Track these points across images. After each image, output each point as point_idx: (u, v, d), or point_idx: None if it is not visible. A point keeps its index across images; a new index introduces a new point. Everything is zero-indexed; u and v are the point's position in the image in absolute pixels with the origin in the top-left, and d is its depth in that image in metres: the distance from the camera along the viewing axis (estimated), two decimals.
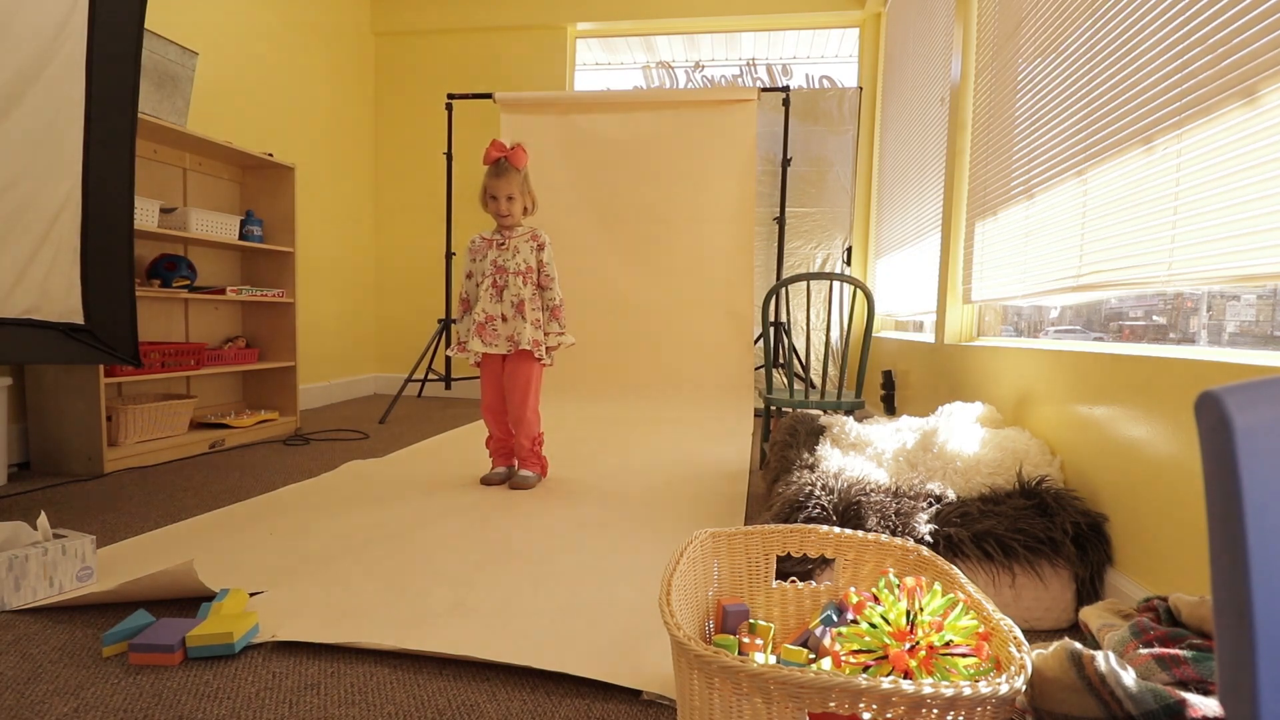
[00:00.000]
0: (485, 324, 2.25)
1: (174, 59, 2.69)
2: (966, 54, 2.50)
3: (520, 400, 2.29)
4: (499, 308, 2.26)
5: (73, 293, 2.11)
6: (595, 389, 3.93)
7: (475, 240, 2.32)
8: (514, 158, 2.23)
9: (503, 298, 2.26)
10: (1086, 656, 0.71)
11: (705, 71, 4.71)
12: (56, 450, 2.41)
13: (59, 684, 1.06)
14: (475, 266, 2.31)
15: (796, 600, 1.14)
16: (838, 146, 4.23)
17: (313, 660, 1.15)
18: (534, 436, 2.34)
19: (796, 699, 0.69)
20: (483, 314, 2.25)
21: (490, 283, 2.26)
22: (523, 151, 2.25)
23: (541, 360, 2.30)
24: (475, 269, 2.31)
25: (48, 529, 1.41)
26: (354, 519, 1.88)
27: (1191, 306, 1.62)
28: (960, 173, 2.51)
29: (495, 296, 2.26)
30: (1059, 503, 1.40)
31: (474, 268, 2.31)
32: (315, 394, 4.13)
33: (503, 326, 2.26)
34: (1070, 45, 1.72)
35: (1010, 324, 2.49)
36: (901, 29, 3.83)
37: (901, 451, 1.76)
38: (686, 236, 4.03)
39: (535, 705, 1.04)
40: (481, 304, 2.25)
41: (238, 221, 3.05)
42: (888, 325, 4.15)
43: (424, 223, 4.68)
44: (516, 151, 2.23)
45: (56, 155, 2.01)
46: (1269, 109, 1.04)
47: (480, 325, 2.25)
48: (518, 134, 3.96)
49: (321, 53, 4.16)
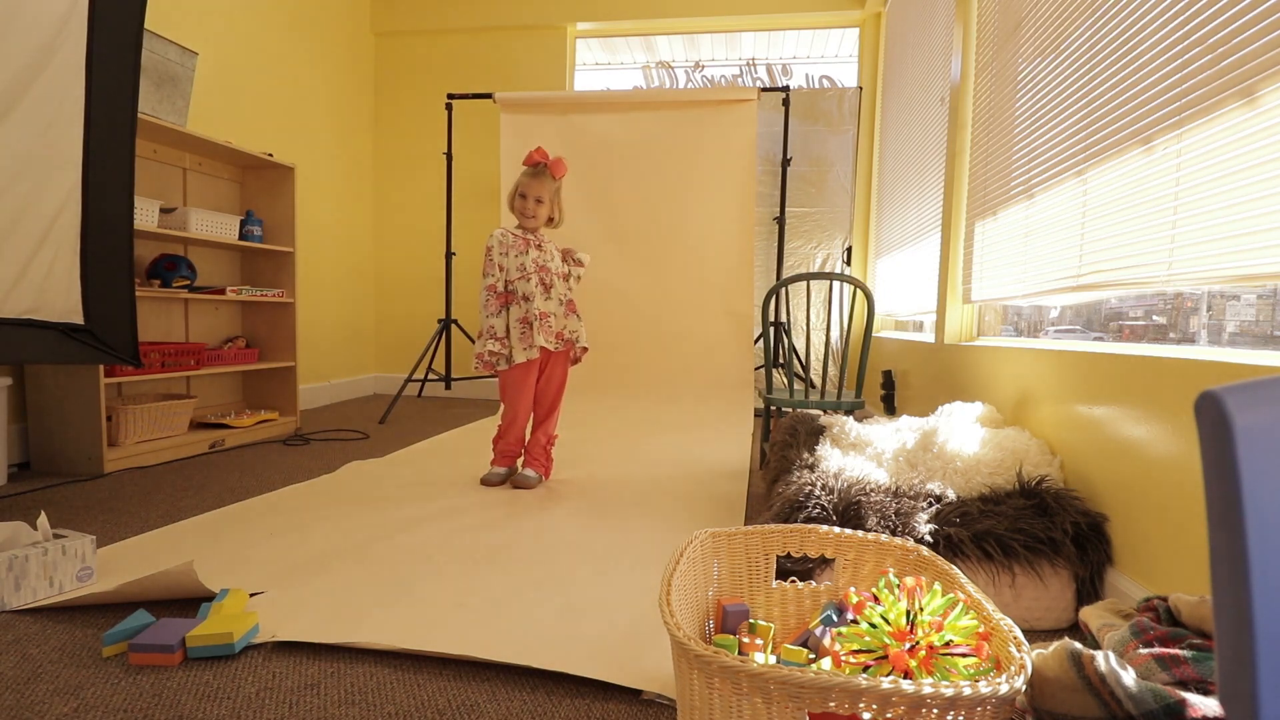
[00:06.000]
0: (543, 321, 2.26)
1: (174, 59, 2.69)
2: (966, 54, 2.50)
3: (555, 398, 2.37)
4: (549, 305, 2.30)
5: (73, 293, 2.11)
6: (595, 389, 3.92)
7: (505, 235, 2.29)
8: (554, 166, 2.29)
9: (551, 296, 2.30)
10: (1086, 656, 0.71)
11: (705, 71, 4.71)
12: (56, 450, 2.40)
13: (59, 684, 1.06)
14: (509, 261, 2.27)
15: (796, 600, 1.14)
16: (838, 146, 4.23)
17: (313, 660, 1.15)
18: (551, 435, 2.38)
19: (796, 699, 0.69)
20: (538, 311, 2.25)
21: (538, 280, 2.27)
22: (563, 164, 2.31)
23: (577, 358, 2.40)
24: (509, 264, 2.27)
25: (48, 529, 1.41)
26: (354, 519, 1.88)
27: (1191, 306, 1.62)
28: (960, 172, 2.51)
29: (545, 294, 2.29)
30: (1059, 503, 1.40)
31: (506, 262, 2.27)
32: (315, 394, 4.13)
33: (554, 324, 2.30)
34: (1070, 45, 1.72)
35: (1010, 324, 2.49)
36: (901, 29, 3.83)
37: (901, 451, 1.76)
38: (686, 236, 4.03)
39: (535, 705, 1.04)
40: (537, 302, 2.25)
41: (238, 221, 3.05)
42: (888, 325, 4.15)
43: (424, 223, 4.68)
44: (558, 162, 2.30)
45: (56, 155, 2.01)
46: (1268, 109, 1.04)
47: (538, 322, 2.25)
48: (518, 134, 3.97)
49: (321, 53, 4.16)
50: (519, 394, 2.31)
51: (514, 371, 2.28)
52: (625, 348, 4.03)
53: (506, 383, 2.31)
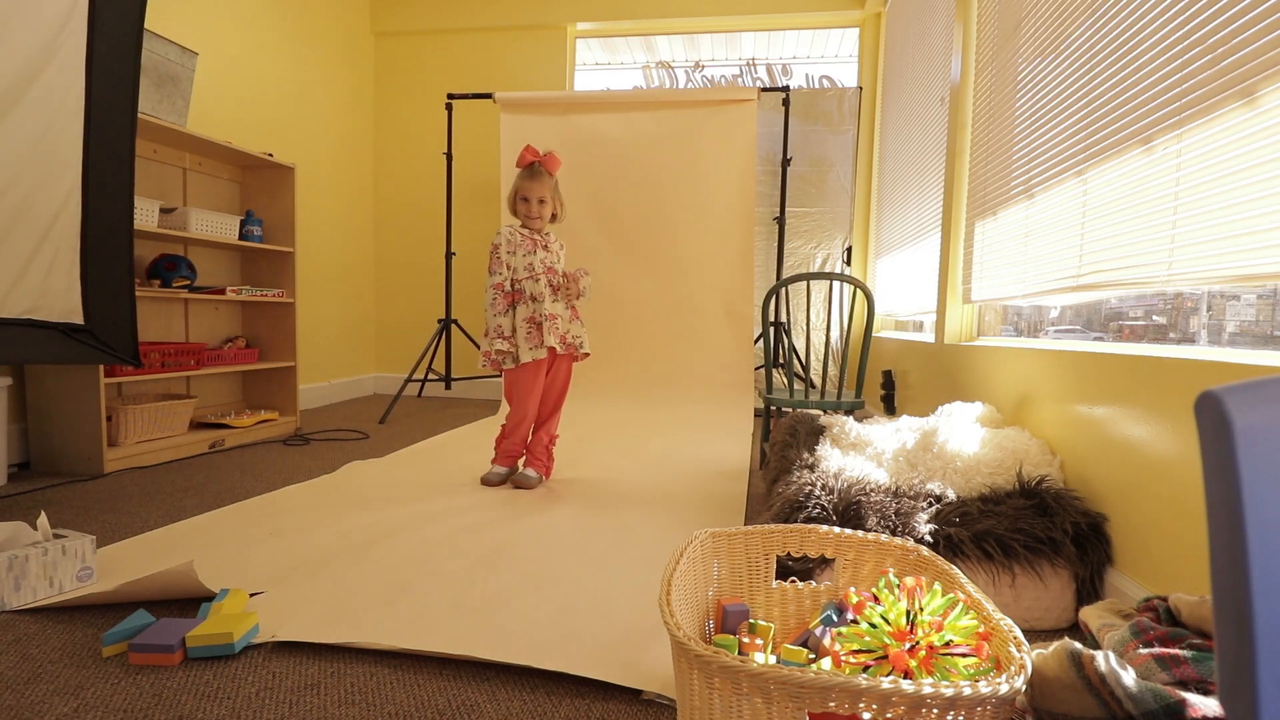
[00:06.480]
0: (549, 321, 2.26)
1: (174, 59, 2.69)
2: (966, 54, 2.50)
3: (559, 399, 2.38)
4: (558, 307, 2.30)
5: (72, 293, 2.11)
6: (595, 389, 3.92)
7: (512, 234, 2.29)
8: (547, 163, 2.28)
9: (558, 298, 2.31)
10: (1086, 656, 0.71)
11: (705, 71, 4.70)
12: (56, 450, 2.40)
13: (59, 684, 1.06)
14: (516, 260, 2.27)
15: (796, 600, 1.14)
16: (838, 146, 4.23)
17: (313, 660, 1.15)
18: (553, 435, 2.40)
19: (796, 699, 0.69)
20: (547, 312, 2.26)
21: (546, 281, 2.28)
22: (556, 158, 2.30)
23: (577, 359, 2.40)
24: (516, 262, 2.27)
25: (48, 529, 1.41)
26: (354, 519, 1.88)
27: (1191, 306, 1.62)
28: (960, 172, 2.51)
29: (553, 296, 2.29)
30: (1059, 503, 1.40)
31: (514, 261, 2.27)
32: (315, 394, 4.13)
33: (561, 325, 2.30)
34: (1070, 45, 1.72)
35: (1010, 324, 2.49)
36: (901, 29, 3.83)
37: (901, 451, 1.76)
38: (686, 236, 4.03)
39: (535, 705, 1.04)
40: (545, 303, 2.26)
41: (238, 221, 3.05)
42: (888, 325, 4.15)
43: (424, 223, 4.68)
44: (550, 158, 2.29)
45: (56, 155, 2.01)
46: (1268, 109, 1.04)
47: (546, 323, 2.25)
48: (518, 134, 3.97)
49: (321, 53, 4.16)
50: (528, 395, 2.31)
51: (523, 372, 2.28)
52: (625, 348, 4.03)
53: (515, 383, 2.30)
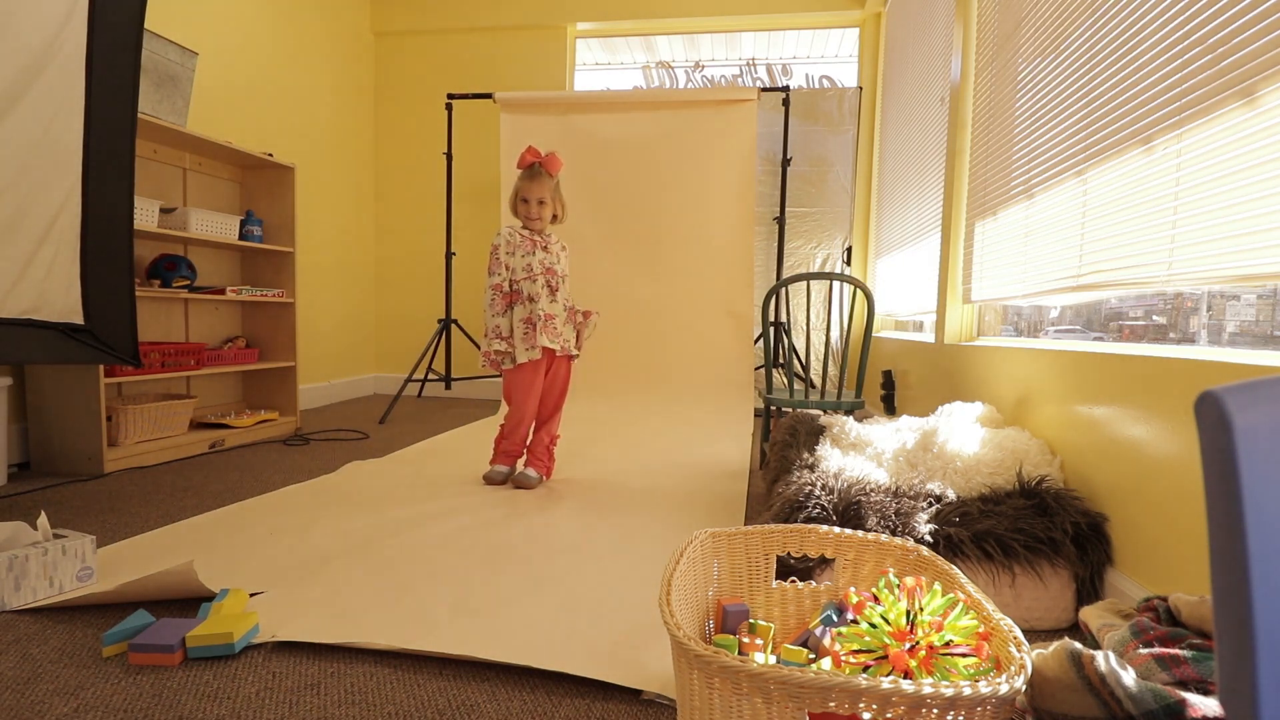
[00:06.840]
0: (546, 322, 2.26)
1: (174, 59, 2.69)
2: (966, 54, 2.50)
3: (559, 399, 2.39)
4: (554, 308, 2.30)
5: (72, 292, 2.11)
6: (595, 389, 3.92)
7: (512, 235, 2.30)
8: (548, 164, 2.27)
9: (556, 299, 2.31)
10: (1086, 656, 0.71)
11: (705, 71, 4.71)
12: (56, 450, 2.40)
13: (59, 684, 1.06)
14: (515, 261, 2.28)
15: (796, 600, 1.14)
16: (838, 146, 4.23)
17: (313, 660, 1.15)
18: (554, 435, 2.40)
19: (796, 699, 0.69)
20: (543, 313, 2.26)
21: (544, 283, 2.28)
22: (557, 159, 2.29)
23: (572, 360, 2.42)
24: (516, 264, 2.27)
25: (48, 529, 1.41)
26: (354, 519, 1.88)
27: (1191, 306, 1.62)
28: (960, 172, 2.51)
29: (550, 297, 2.29)
30: (1059, 503, 1.40)
31: (513, 262, 2.28)
32: (315, 394, 4.13)
33: (558, 326, 2.31)
34: (1070, 45, 1.72)
35: (1010, 324, 2.49)
36: (901, 29, 3.83)
37: (901, 451, 1.76)
38: (686, 236, 4.03)
39: (535, 705, 1.04)
40: (542, 304, 2.26)
41: (238, 221, 3.05)
42: (888, 325, 4.15)
43: (424, 223, 4.68)
44: (551, 158, 2.28)
45: (56, 155, 2.01)
46: (1268, 109, 1.04)
47: (541, 323, 2.25)
48: (518, 134, 3.97)
49: (321, 53, 4.16)
50: (527, 395, 2.31)
51: (522, 372, 2.28)
52: (625, 348, 4.02)
53: (514, 383, 2.31)
